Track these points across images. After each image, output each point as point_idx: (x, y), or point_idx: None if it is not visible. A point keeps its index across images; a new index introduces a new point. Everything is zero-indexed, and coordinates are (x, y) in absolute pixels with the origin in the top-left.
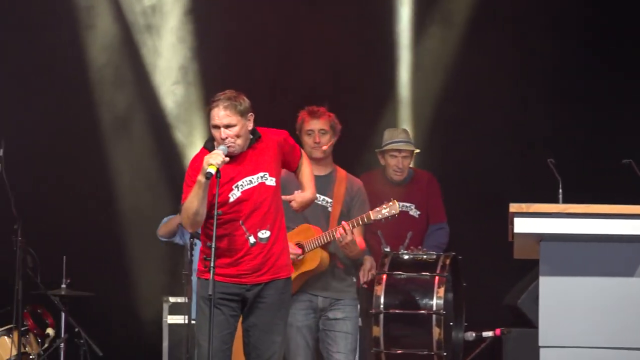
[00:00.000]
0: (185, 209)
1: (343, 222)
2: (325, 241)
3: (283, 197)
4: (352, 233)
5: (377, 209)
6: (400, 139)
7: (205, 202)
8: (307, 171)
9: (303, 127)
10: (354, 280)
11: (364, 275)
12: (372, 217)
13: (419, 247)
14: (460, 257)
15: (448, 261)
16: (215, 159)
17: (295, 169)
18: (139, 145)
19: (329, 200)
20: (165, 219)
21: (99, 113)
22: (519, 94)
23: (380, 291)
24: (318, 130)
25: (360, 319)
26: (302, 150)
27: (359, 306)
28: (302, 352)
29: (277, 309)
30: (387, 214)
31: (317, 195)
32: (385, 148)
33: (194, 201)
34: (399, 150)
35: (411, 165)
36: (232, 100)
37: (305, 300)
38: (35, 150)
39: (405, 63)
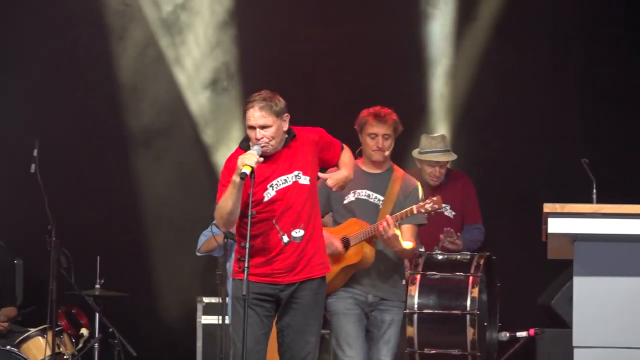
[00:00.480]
0: (219, 209)
1: (387, 216)
2: (370, 234)
3: (320, 174)
4: (396, 227)
5: (421, 203)
6: (439, 149)
7: (239, 202)
8: (346, 157)
9: (366, 129)
10: (403, 283)
11: None
12: (415, 211)
13: (457, 233)
14: (494, 257)
15: (482, 261)
16: (249, 160)
17: (336, 164)
18: (171, 147)
19: (381, 198)
20: (202, 237)
21: (129, 115)
22: (553, 93)
23: (414, 291)
24: (382, 135)
25: None
26: (344, 145)
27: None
28: (352, 340)
29: (311, 309)
30: (429, 208)
31: (370, 193)
32: (423, 158)
33: (228, 201)
34: (437, 162)
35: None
36: (268, 101)
37: (352, 293)
38: (69, 150)
39: (438, 63)
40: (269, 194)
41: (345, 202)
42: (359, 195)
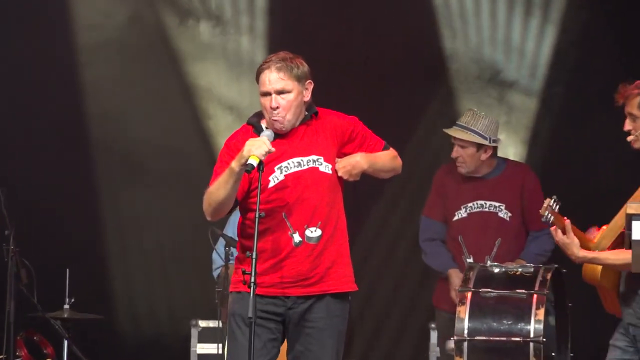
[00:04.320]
0: (210, 195)
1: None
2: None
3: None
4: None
5: None
6: (458, 124)
7: (234, 193)
8: (379, 153)
9: None
10: None
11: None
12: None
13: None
14: (564, 271)
15: (549, 275)
16: (258, 149)
17: None
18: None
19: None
20: (216, 269)
21: (101, 116)
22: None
23: (463, 313)
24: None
25: (438, 349)
26: (391, 148)
27: None
28: None
29: (329, 335)
30: None
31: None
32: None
33: (220, 190)
34: (455, 138)
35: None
36: (287, 62)
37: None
38: (31, 146)
39: (511, 50)
40: (276, 177)
41: None
42: None
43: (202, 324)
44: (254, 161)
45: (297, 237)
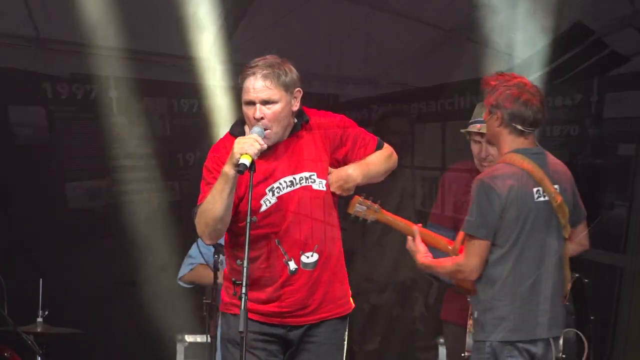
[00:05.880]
0: (204, 212)
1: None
2: None
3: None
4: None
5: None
6: (478, 120)
7: (231, 203)
8: (374, 156)
9: None
10: None
11: None
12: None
13: None
14: (586, 281)
15: (569, 286)
16: (250, 147)
17: None
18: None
19: None
20: (187, 264)
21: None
22: None
23: (472, 327)
24: None
25: None
26: (385, 144)
27: None
28: None
29: (329, 351)
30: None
31: None
32: (466, 129)
33: (216, 202)
34: (482, 134)
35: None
36: (275, 68)
37: None
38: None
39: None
40: (268, 201)
41: None
42: None
43: (189, 338)
44: (246, 160)
45: (292, 265)
